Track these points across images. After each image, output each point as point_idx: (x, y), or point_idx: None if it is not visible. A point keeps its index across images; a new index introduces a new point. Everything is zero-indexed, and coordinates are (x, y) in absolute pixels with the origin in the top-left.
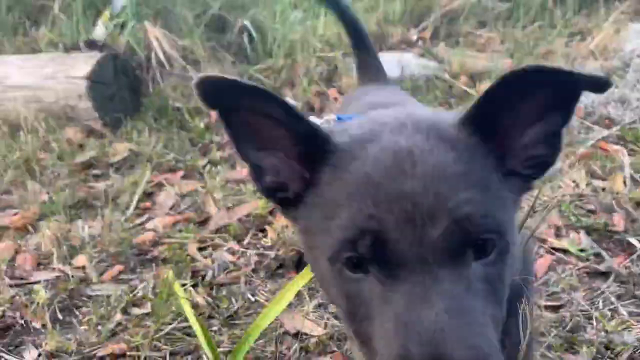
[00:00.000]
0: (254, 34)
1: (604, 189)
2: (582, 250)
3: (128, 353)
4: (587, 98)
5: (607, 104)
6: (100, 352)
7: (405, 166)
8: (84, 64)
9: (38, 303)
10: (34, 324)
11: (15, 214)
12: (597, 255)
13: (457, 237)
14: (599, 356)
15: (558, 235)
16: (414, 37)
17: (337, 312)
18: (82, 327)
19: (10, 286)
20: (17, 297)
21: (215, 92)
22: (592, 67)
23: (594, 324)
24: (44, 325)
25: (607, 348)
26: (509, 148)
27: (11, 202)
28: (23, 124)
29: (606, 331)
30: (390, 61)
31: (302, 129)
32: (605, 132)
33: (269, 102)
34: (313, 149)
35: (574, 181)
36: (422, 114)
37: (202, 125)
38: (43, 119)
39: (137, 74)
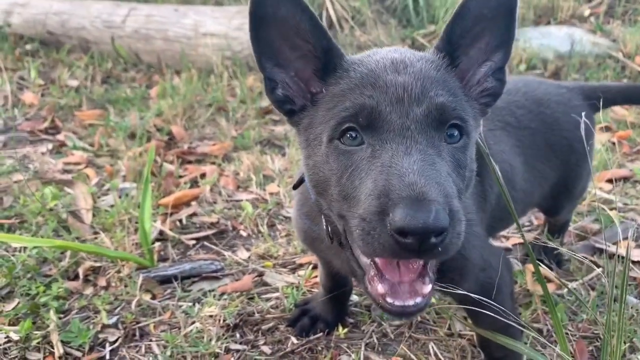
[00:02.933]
0: None
1: None
2: None
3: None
4: None
5: None
6: (298, 260)
7: (399, 67)
8: None
9: (245, 216)
10: (242, 232)
11: (214, 144)
12: None
13: (434, 115)
14: None
15: None
16: (586, 12)
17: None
18: (281, 240)
19: (222, 201)
20: (227, 210)
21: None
22: None
23: None
24: (249, 235)
25: None
26: (467, 80)
27: (207, 135)
28: (215, 68)
29: None
30: (560, 36)
31: (325, 44)
32: None
33: (305, 13)
34: (329, 63)
35: None
36: None
37: None
38: (229, 65)
39: None
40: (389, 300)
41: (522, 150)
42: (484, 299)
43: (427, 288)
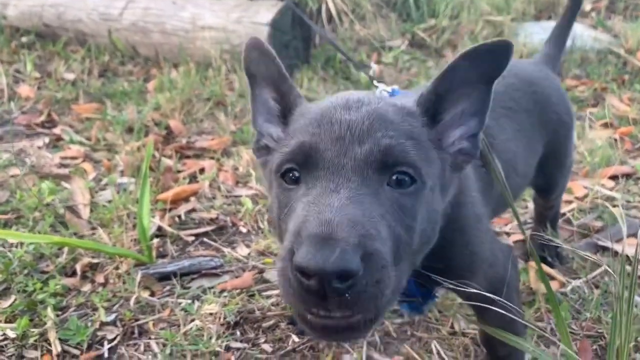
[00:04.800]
0: None
1: None
2: None
3: None
4: None
5: None
6: None
7: (353, 105)
8: (266, 11)
9: (245, 212)
10: (241, 228)
11: (212, 139)
12: None
13: (376, 156)
14: None
15: None
16: (588, 7)
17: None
18: None
19: (222, 196)
20: (226, 206)
21: (253, 59)
22: None
23: None
24: (249, 231)
25: None
26: (445, 138)
27: (205, 130)
28: (213, 62)
29: None
30: None
31: (285, 88)
32: None
33: (274, 63)
34: (288, 106)
35: None
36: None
37: (365, 77)
38: (227, 59)
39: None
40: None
41: (522, 133)
42: (491, 295)
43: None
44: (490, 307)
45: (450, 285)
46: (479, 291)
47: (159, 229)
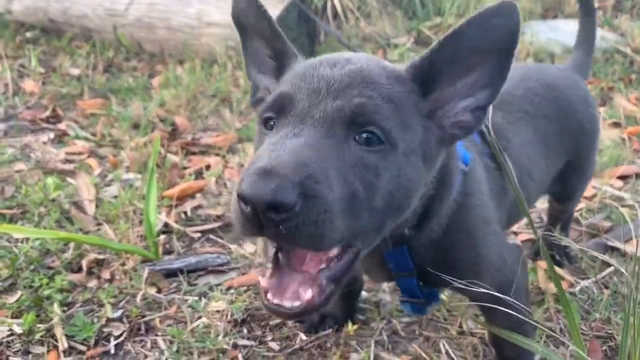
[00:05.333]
0: None
1: None
2: None
3: None
4: None
5: None
6: None
7: (338, 63)
8: (272, 7)
9: None
10: None
11: (218, 135)
12: None
13: (346, 113)
14: None
15: None
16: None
17: None
18: None
19: (228, 193)
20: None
21: (241, 10)
22: None
23: None
24: None
25: None
26: (443, 108)
27: (210, 126)
28: (218, 58)
29: None
30: (568, 30)
31: (279, 46)
32: None
33: (265, 18)
34: (284, 64)
35: None
36: None
37: None
38: (233, 56)
39: (315, 22)
40: (268, 296)
41: (538, 139)
42: (499, 295)
43: (308, 294)
44: (498, 308)
45: (454, 286)
46: (487, 291)
47: (165, 225)
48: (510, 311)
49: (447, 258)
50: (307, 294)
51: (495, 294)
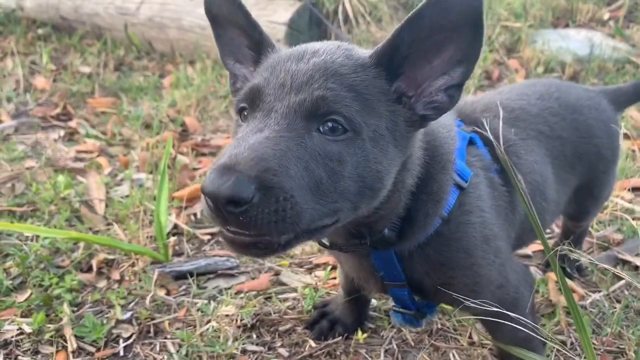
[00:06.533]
0: None
1: None
2: None
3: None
4: None
5: None
6: (315, 260)
7: (305, 57)
8: (284, 11)
9: None
10: None
11: (228, 137)
12: None
13: (308, 106)
14: None
15: None
16: (606, 16)
17: None
18: None
19: None
20: None
21: (214, 2)
22: None
23: None
24: None
25: None
26: (415, 90)
27: (220, 128)
28: None
29: None
30: (579, 39)
31: (257, 37)
32: None
33: (240, 9)
34: (261, 54)
35: None
36: None
37: None
38: None
39: (326, 26)
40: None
41: (551, 159)
42: (501, 312)
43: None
44: (503, 324)
45: (453, 301)
46: (486, 308)
47: (175, 226)
48: (517, 327)
49: (443, 275)
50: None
51: (498, 310)
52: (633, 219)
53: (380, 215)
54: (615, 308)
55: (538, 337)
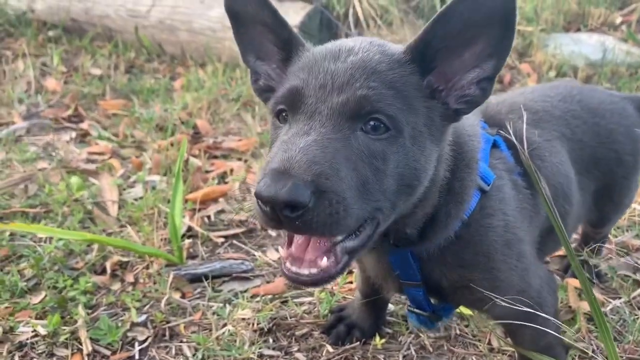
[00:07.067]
0: None
1: None
2: None
3: None
4: None
5: None
6: None
7: (342, 55)
8: (295, 14)
9: None
10: (271, 231)
11: (240, 140)
12: None
13: (351, 106)
14: None
15: None
16: (618, 20)
17: None
18: None
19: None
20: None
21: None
22: None
23: None
24: (278, 235)
25: None
26: (447, 84)
27: (232, 130)
28: (241, 62)
29: None
30: (591, 43)
31: (286, 35)
32: None
33: (267, 8)
34: (291, 53)
35: None
36: None
37: None
38: None
39: (337, 29)
40: (287, 264)
41: (572, 162)
42: (523, 314)
43: (324, 263)
44: (525, 330)
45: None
46: (507, 313)
47: (189, 229)
48: (539, 329)
49: (460, 278)
50: (323, 261)
51: (520, 312)
52: None
53: (415, 213)
54: (636, 315)
55: (559, 342)
